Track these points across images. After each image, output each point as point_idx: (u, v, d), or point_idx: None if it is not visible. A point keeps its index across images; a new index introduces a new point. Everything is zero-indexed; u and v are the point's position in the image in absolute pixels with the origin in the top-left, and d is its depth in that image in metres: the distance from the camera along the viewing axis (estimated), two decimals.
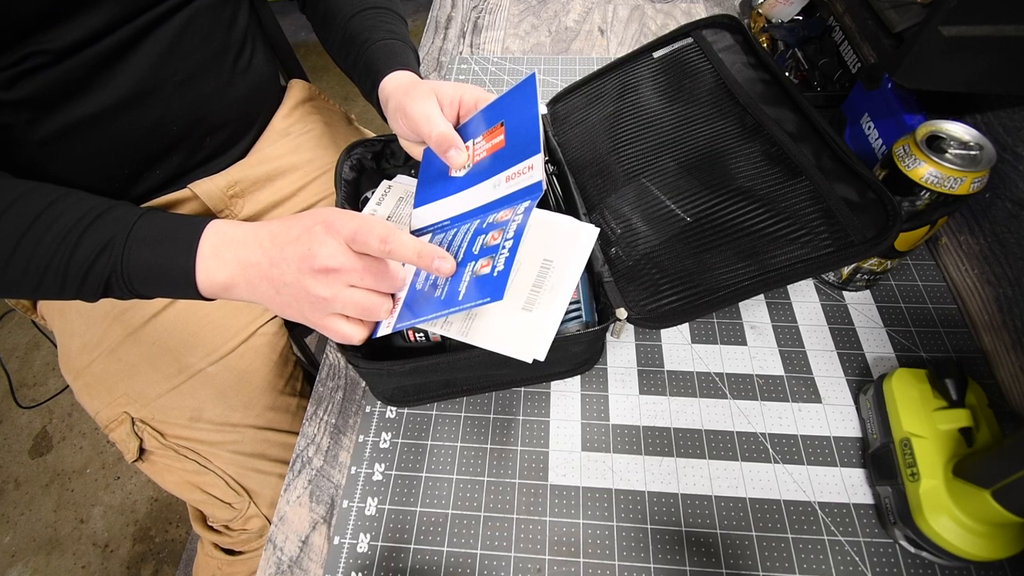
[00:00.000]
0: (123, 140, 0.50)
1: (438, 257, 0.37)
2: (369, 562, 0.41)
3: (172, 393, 0.54)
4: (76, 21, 0.43)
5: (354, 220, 0.35)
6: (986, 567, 0.39)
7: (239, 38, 0.56)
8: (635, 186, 0.49)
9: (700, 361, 0.49)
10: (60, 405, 1.38)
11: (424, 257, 0.36)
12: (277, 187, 0.63)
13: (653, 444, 0.45)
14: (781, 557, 0.40)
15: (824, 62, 0.63)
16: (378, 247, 0.35)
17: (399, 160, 0.57)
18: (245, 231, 0.38)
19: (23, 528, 1.20)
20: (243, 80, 0.57)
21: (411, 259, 0.36)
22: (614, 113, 0.55)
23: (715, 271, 0.42)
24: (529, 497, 0.43)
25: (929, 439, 0.38)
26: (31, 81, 0.43)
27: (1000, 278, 0.47)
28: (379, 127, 0.61)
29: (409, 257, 0.36)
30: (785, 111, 0.46)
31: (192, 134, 0.54)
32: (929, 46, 0.41)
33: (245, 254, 0.37)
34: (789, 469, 0.43)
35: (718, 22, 0.54)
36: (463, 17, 0.88)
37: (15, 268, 0.37)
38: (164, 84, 0.50)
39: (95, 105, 0.46)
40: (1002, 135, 0.47)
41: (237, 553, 0.58)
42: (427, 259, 0.36)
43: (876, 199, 0.39)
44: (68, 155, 0.48)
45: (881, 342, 0.49)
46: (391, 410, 0.49)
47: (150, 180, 0.54)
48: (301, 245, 0.35)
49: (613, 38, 0.82)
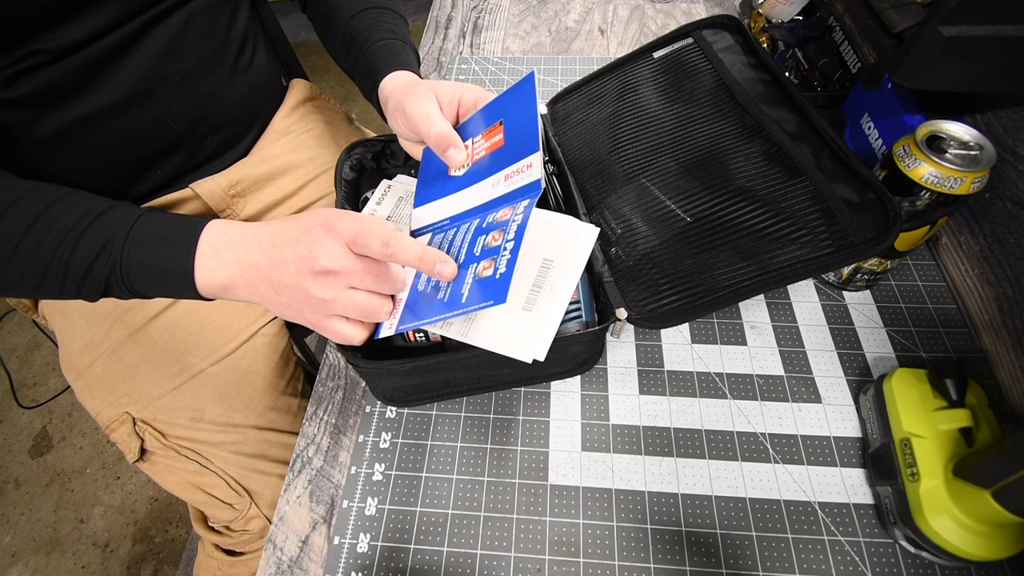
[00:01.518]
0: (124, 139, 0.50)
1: (440, 261, 0.36)
2: (369, 562, 0.41)
3: (173, 393, 0.54)
4: (77, 21, 0.43)
5: (355, 222, 0.35)
6: (986, 567, 0.39)
7: (239, 37, 0.56)
8: (635, 186, 0.49)
9: (700, 361, 0.49)
10: (60, 405, 1.38)
11: (426, 261, 0.36)
12: (278, 186, 0.63)
13: (653, 444, 0.45)
14: (781, 557, 0.40)
15: (824, 62, 0.63)
16: (379, 250, 0.35)
17: (399, 160, 0.57)
18: (244, 231, 0.38)
19: (23, 528, 1.20)
20: (244, 79, 0.57)
21: (413, 263, 0.36)
22: (614, 113, 0.55)
23: (715, 271, 0.42)
24: (529, 497, 0.43)
25: (929, 439, 0.38)
26: (30, 80, 0.43)
27: (1000, 278, 0.47)
28: (379, 127, 0.62)
29: (411, 261, 0.36)
30: (785, 111, 0.46)
31: (193, 134, 0.54)
32: (929, 46, 0.41)
33: (244, 255, 0.37)
34: (789, 469, 0.43)
35: (718, 22, 0.54)
36: (463, 17, 0.88)
37: (15, 268, 0.37)
38: (164, 83, 0.50)
39: (95, 104, 0.46)
40: (1002, 135, 0.47)
41: (238, 554, 0.58)
42: (429, 263, 0.36)
43: (876, 199, 0.39)
44: (69, 154, 0.48)
45: (881, 342, 0.49)
46: (391, 410, 0.49)
47: (151, 180, 0.54)
48: (301, 246, 0.35)
49: (613, 38, 0.82)
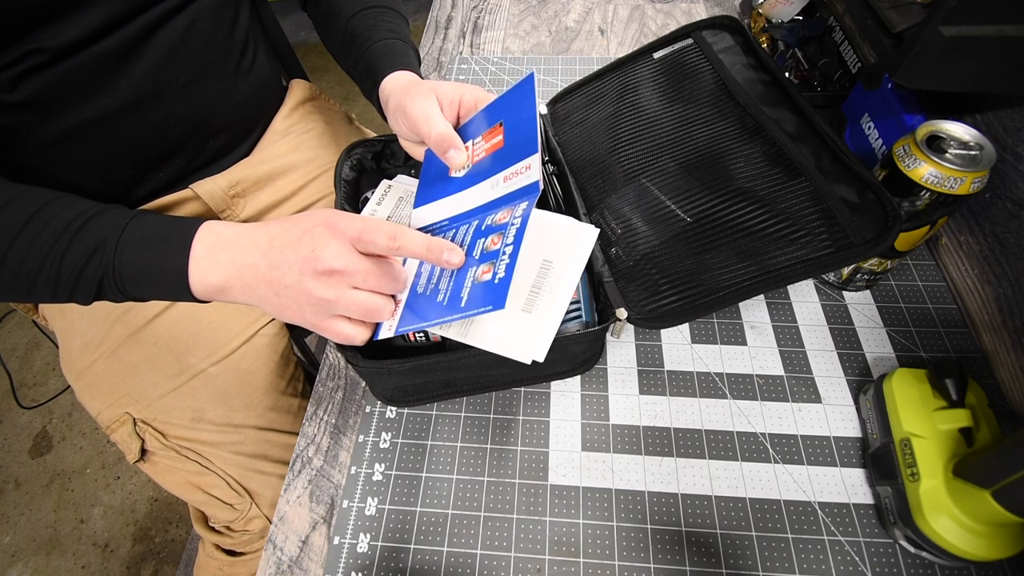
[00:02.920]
0: (127, 143, 0.50)
1: (447, 249, 0.36)
2: (369, 562, 0.41)
3: (173, 394, 0.54)
4: (74, 18, 0.42)
5: (358, 220, 0.35)
6: (986, 567, 0.39)
7: (241, 39, 0.56)
8: (635, 186, 0.49)
9: (700, 361, 0.49)
10: (60, 405, 1.38)
11: (433, 250, 0.36)
12: (278, 186, 0.63)
13: (653, 444, 0.45)
14: (781, 557, 0.40)
15: (824, 62, 0.63)
16: (387, 244, 0.35)
17: (399, 160, 0.57)
18: (240, 232, 0.38)
19: (23, 528, 1.20)
20: (246, 82, 0.57)
21: (420, 253, 0.36)
22: (614, 113, 0.55)
23: (715, 271, 0.42)
24: (529, 497, 0.43)
25: (929, 439, 0.38)
26: (34, 82, 0.43)
27: (1000, 278, 0.47)
28: (379, 127, 0.62)
29: (418, 251, 0.36)
30: (785, 112, 0.46)
31: (196, 136, 0.54)
32: (929, 46, 0.41)
33: (241, 256, 0.37)
34: (789, 469, 0.43)
35: (718, 23, 0.54)
36: (463, 17, 0.88)
37: (7, 272, 0.37)
38: (168, 87, 0.50)
39: (99, 108, 0.46)
40: (1002, 135, 0.47)
41: (238, 554, 0.58)
42: (436, 252, 0.36)
43: (876, 200, 0.39)
44: (72, 157, 0.48)
45: (881, 342, 0.49)
46: (391, 410, 0.49)
47: (153, 182, 0.54)
48: (303, 247, 0.35)
49: (613, 38, 0.82)
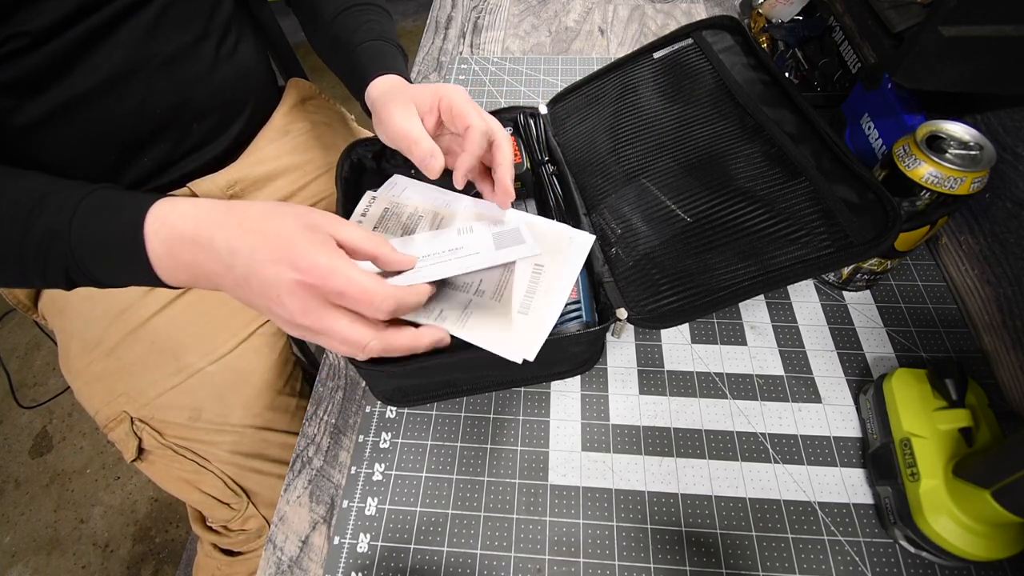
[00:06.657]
0: (108, 123, 0.49)
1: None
2: (369, 562, 0.41)
3: (171, 392, 0.54)
4: (53, 1, 0.42)
5: (333, 278, 0.32)
6: (986, 567, 0.38)
7: (222, 23, 0.56)
8: (635, 186, 0.49)
9: (700, 361, 0.49)
10: (60, 405, 1.38)
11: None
12: (277, 186, 0.63)
13: (653, 444, 0.45)
14: (781, 557, 0.40)
15: (824, 62, 0.63)
16: (380, 309, 0.34)
17: (399, 160, 0.56)
18: (198, 225, 0.34)
19: (23, 528, 1.20)
20: (228, 66, 0.56)
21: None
22: (614, 113, 0.55)
23: (715, 271, 0.42)
24: (529, 497, 0.43)
25: (929, 439, 0.38)
26: (14, 66, 0.42)
27: (1000, 278, 0.47)
28: None
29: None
30: (785, 112, 0.46)
31: (178, 118, 0.53)
32: (929, 46, 0.41)
33: (205, 262, 0.34)
34: (789, 469, 0.43)
35: (718, 23, 0.54)
36: (463, 17, 0.88)
37: None
38: (146, 65, 0.49)
39: (77, 87, 0.46)
40: (1002, 135, 0.47)
41: (236, 553, 0.58)
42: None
43: (876, 200, 0.39)
44: (54, 140, 0.47)
45: (881, 342, 0.49)
46: (391, 410, 0.49)
47: (139, 167, 0.53)
48: (269, 288, 0.32)
49: (613, 38, 0.82)
